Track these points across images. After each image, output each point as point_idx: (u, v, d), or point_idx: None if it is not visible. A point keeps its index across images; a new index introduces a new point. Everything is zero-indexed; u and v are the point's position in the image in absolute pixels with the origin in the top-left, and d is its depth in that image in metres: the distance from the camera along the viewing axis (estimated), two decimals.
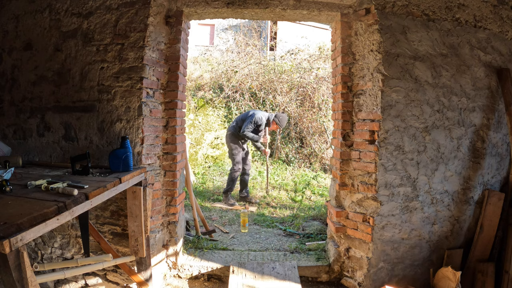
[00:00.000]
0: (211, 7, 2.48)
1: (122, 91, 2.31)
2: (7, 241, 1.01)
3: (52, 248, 2.41)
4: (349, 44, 2.52)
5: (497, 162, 2.54)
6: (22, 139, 2.47)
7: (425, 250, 2.41)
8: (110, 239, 2.35)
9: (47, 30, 2.42)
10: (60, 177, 1.80)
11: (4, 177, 1.59)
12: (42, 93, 2.43)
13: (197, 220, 3.39)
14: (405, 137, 2.32)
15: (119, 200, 2.29)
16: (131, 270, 2.26)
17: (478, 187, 2.48)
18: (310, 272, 2.67)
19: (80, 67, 2.36)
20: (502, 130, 2.52)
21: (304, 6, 2.50)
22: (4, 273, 1.06)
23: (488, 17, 2.46)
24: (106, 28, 2.34)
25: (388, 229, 2.34)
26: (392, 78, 2.28)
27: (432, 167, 2.36)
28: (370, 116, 2.37)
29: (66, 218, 1.34)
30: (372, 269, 2.37)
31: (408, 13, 2.33)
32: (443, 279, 2.24)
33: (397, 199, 2.33)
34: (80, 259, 1.96)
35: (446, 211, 2.41)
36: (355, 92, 2.51)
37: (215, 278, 2.68)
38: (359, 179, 2.44)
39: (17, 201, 1.33)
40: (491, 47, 2.46)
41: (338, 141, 2.60)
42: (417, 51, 2.32)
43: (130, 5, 2.32)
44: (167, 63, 2.52)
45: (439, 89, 2.35)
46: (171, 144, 2.54)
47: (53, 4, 2.42)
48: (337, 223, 2.59)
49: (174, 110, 2.53)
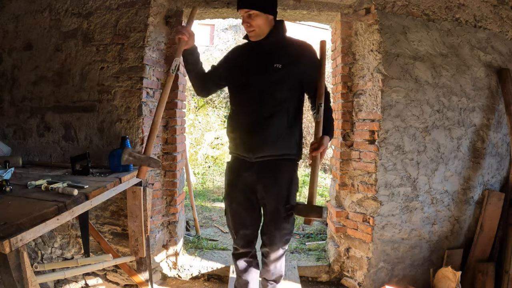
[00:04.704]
0: (211, 7, 2.48)
1: (122, 91, 2.31)
2: (7, 241, 1.01)
3: (52, 248, 2.41)
4: (349, 44, 2.52)
5: (497, 162, 2.54)
6: (22, 139, 2.47)
7: (425, 250, 2.41)
8: (110, 239, 2.35)
9: (47, 30, 2.42)
10: (60, 177, 1.79)
11: (4, 177, 1.59)
12: (42, 93, 2.43)
13: (197, 220, 3.39)
14: (405, 137, 2.32)
15: (119, 200, 2.29)
16: (131, 270, 2.26)
17: (478, 187, 2.47)
18: (310, 272, 2.67)
19: (80, 67, 2.36)
20: (502, 130, 2.52)
21: (304, 6, 2.50)
22: (4, 273, 1.06)
23: (488, 17, 2.46)
24: (106, 28, 2.34)
25: (388, 229, 2.34)
26: (392, 78, 2.28)
27: (432, 167, 2.36)
28: (370, 116, 2.37)
29: (66, 218, 1.34)
30: (372, 269, 2.37)
31: (408, 13, 2.33)
32: (443, 279, 2.24)
33: (397, 199, 2.33)
34: (80, 259, 1.96)
35: (446, 211, 2.41)
36: (355, 92, 2.51)
37: (215, 278, 2.68)
38: (359, 179, 2.44)
39: (17, 201, 1.33)
40: (491, 47, 2.46)
41: (338, 141, 2.60)
42: (417, 51, 2.32)
43: (130, 5, 2.32)
44: (167, 63, 2.52)
45: (439, 89, 2.35)
46: (171, 144, 2.54)
47: (53, 4, 2.42)
48: (337, 223, 2.59)
49: (174, 110, 2.53)
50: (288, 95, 1.72)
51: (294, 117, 1.76)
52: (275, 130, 1.69)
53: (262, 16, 1.67)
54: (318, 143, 1.62)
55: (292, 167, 1.81)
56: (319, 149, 1.61)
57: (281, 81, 1.68)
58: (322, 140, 1.63)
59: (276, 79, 1.68)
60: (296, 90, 1.74)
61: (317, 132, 1.65)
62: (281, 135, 1.71)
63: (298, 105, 1.79)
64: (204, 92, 1.98)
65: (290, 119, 1.72)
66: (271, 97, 1.69)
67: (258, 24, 1.67)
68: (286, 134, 1.72)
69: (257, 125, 1.70)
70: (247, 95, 1.75)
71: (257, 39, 1.74)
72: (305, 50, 1.75)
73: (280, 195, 1.76)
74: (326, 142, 1.65)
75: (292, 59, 1.70)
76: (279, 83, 1.68)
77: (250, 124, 1.72)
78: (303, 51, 1.75)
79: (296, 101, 1.76)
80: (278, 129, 1.70)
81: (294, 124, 1.76)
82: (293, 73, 1.70)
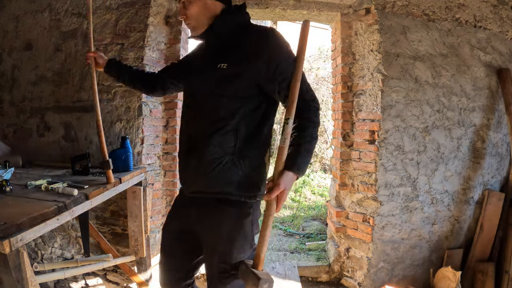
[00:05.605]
0: None
1: (122, 91, 2.31)
2: (7, 241, 1.01)
3: (52, 248, 2.41)
4: (349, 44, 2.52)
5: (497, 162, 2.54)
6: (22, 139, 2.47)
7: (425, 250, 2.41)
8: (110, 239, 2.35)
9: (47, 30, 2.42)
10: (60, 177, 1.79)
11: (4, 177, 1.59)
12: (42, 93, 2.43)
13: None
14: (405, 137, 2.32)
15: (119, 200, 2.29)
16: (131, 270, 2.26)
17: (478, 187, 2.47)
18: (310, 272, 2.67)
19: (80, 67, 2.36)
20: (502, 130, 2.52)
21: (304, 6, 2.50)
22: (4, 273, 1.06)
23: (488, 17, 2.46)
24: (106, 28, 2.34)
25: (388, 229, 2.34)
26: (392, 78, 2.28)
27: (432, 167, 2.36)
28: (370, 116, 2.37)
29: (66, 218, 1.34)
30: (372, 269, 2.37)
31: (408, 13, 2.33)
32: (443, 279, 2.24)
33: (397, 199, 2.33)
34: (80, 259, 1.96)
35: (446, 211, 2.41)
36: (355, 92, 2.51)
37: None
38: (359, 179, 2.44)
39: (17, 201, 1.33)
40: (491, 47, 2.46)
41: (338, 141, 2.60)
42: (417, 51, 2.32)
43: (130, 5, 2.32)
44: (167, 63, 2.52)
45: (439, 89, 2.35)
46: (171, 144, 2.54)
47: (53, 4, 2.42)
48: (337, 223, 2.59)
49: (174, 110, 2.53)
50: (239, 105, 1.19)
51: (249, 138, 1.21)
52: (210, 156, 1.19)
53: (195, 2, 1.24)
54: (274, 182, 1.12)
55: (237, 213, 1.22)
56: (272, 192, 1.10)
57: (225, 86, 1.19)
58: (279, 179, 1.11)
59: (218, 84, 1.19)
60: (253, 98, 1.21)
61: (277, 164, 1.14)
62: (219, 164, 1.19)
63: (259, 120, 1.23)
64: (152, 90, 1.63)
65: (239, 141, 1.19)
66: (212, 109, 1.20)
67: (191, 13, 1.25)
68: (229, 163, 1.19)
69: (191, 149, 1.24)
70: (186, 106, 1.33)
71: (198, 33, 1.29)
72: (265, 39, 1.19)
73: (216, 249, 1.24)
74: (285, 181, 1.11)
75: (244, 55, 1.18)
76: (222, 88, 1.19)
77: (186, 147, 1.28)
78: (261, 40, 1.19)
79: (252, 115, 1.21)
80: (217, 155, 1.19)
81: (248, 148, 1.21)
82: (245, 74, 1.17)
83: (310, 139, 1.18)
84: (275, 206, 1.12)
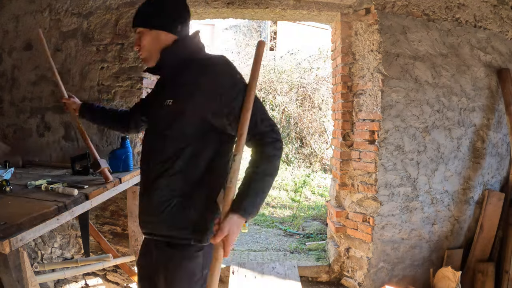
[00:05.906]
0: (211, 7, 2.48)
1: (122, 91, 2.31)
2: (7, 241, 1.01)
3: (52, 248, 2.41)
4: (349, 44, 2.52)
5: (497, 162, 2.53)
6: (22, 139, 2.47)
7: (425, 250, 2.41)
8: (110, 239, 2.35)
9: (47, 30, 2.42)
10: (60, 177, 1.80)
11: (4, 177, 1.59)
12: (42, 93, 2.43)
13: None
14: (405, 137, 2.32)
15: (119, 200, 2.29)
16: (131, 270, 2.26)
17: (478, 187, 2.47)
18: (310, 272, 2.67)
19: (80, 67, 2.36)
20: (502, 130, 2.52)
21: (304, 6, 2.49)
22: (4, 273, 1.06)
23: (488, 17, 2.46)
24: (106, 28, 2.34)
25: (388, 229, 2.34)
26: (392, 78, 2.28)
27: (432, 167, 2.36)
28: (370, 116, 2.37)
29: (66, 218, 1.34)
30: (372, 269, 2.37)
31: (408, 13, 2.33)
32: (443, 279, 2.24)
33: (397, 199, 2.33)
34: (80, 259, 1.96)
35: (446, 211, 2.41)
36: (355, 92, 2.51)
37: None
38: (359, 179, 2.44)
39: (17, 201, 1.33)
40: (491, 47, 2.46)
41: (338, 141, 2.60)
42: (417, 51, 2.32)
43: (130, 5, 2.32)
44: None
45: (439, 89, 2.35)
46: None
47: (53, 4, 2.42)
48: (337, 223, 2.59)
49: None
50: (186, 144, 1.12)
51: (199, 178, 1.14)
52: (158, 199, 1.14)
53: (148, 33, 1.20)
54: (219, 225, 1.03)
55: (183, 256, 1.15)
56: (216, 237, 1.01)
57: (172, 124, 1.13)
58: (223, 223, 1.02)
59: (166, 122, 1.14)
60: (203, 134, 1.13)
61: (224, 206, 1.06)
62: (167, 207, 1.13)
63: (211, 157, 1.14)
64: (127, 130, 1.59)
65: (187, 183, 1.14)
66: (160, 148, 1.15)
67: (144, 44, 1.21)
68: (177, 206, 1.13)
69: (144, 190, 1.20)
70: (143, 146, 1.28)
71: (149, 65, 1.24)
72: (208, 70, 1.13)
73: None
74: (229, 225, 1.02)
75: (187, 89, 1.12)
76: (169, 127, 1.13)
77: (142, 187, 1.23)
78: (201, 72, 1.13)
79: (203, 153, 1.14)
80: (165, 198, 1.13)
81: (197, 189, 1.14)
82: (189, 110, 1.11)
83: (261, 177, 1.06)
84: (222, 250, 1.02)
